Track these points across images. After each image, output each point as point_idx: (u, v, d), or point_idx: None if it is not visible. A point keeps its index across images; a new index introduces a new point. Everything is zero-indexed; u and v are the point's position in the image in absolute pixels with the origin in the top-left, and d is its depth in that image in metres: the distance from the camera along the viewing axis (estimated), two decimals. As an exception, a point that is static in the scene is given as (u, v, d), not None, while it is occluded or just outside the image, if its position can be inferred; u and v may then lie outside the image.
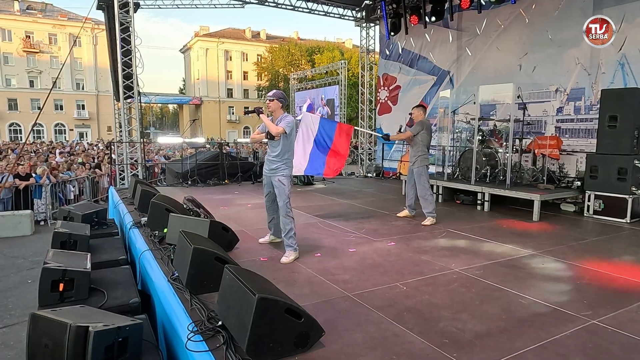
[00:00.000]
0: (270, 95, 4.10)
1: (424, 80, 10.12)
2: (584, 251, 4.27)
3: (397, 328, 2.50)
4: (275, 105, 4.05)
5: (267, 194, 4.18)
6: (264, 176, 4.19)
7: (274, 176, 4.01)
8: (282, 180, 3.97)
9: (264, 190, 4.23)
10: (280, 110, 4.08)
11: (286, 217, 3.94)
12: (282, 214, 3.96)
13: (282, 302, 2.10)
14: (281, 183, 3.97)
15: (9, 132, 40.06)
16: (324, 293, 3.04)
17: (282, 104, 4.09)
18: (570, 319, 2.67)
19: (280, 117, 4.04)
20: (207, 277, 2.86)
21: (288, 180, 4.01)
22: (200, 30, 51.71)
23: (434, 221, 5.43)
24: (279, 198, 4.00)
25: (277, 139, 3.99)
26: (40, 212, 9.45)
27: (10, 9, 41.05)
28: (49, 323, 2.19)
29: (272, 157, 4.05)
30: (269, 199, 4.20)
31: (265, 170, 4.14)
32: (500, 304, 2.90)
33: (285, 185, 3.98)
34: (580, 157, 6.82)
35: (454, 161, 7.71)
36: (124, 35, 8.30)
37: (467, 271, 3.55)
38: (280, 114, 4.07)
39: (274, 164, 4.03)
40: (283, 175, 3.98)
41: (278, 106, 4.05)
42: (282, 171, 3.99)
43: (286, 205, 3.95)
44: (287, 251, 3.89)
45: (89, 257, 3.37)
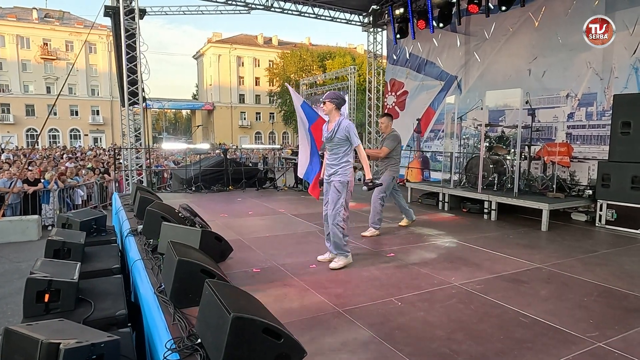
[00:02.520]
0: (324, 97, 3.96)
1: (432, 85, 9.96)
2: (594, 264, 4.06)
3: (385, 348, 2.37)
4: (329, 106, 3.91)
5: (327, 202, 4.01)
6: (324, 181, 4.07)
7: (332, 182, 3.90)
8: (338, 187, 3.84)
9: (324, 199, 4.08)
10: (337, 112, 3.93)
11: (336, 226, 3.82)
12: (331, 222, 3.84)
13: (260, 321, 1.99)
14: (337, 190, 3.84)
15: (26, 138, 40.99)
16: (314, 308, 2.92)
17: (336, 105, 3.92)
18: (574, 340, 2.50)
19: (337, 121, 3.88)
20: (192, 291, 2.76)
21: (344, 188, 3.86)
22: (213, 36, 52.34)
23: (376, 233, 5.12)
24: (330, 205, 3.86)
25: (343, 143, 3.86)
26: (48, 217, 9.54)
27: (28, 18, 42.19)
28: (22, 339, 2.12)
29: (332, 162, 3.92)
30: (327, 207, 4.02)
31: (325, 176, 4.02)
32: (499, 322, 2.74)
33: (340, 193, 3.83)
34: (592, 165, 6.57)
35: (461, 168, 7.52)
36: (130, 42, 8.36)
37: (467, 285, 3.39)
38: (337, 116, 3.92)
39: (333, 168, 3.91)
40: (340, 182, 3.85)
41: (332, 107, 3.91)
42: (340, 177, 3.85)
43: (338, 214, 3.82)
44: (337, 257, 3.86)
45: (78, 267, 3.31)
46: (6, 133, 39.99)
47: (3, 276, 6.32)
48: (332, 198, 3.86)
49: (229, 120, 51.21)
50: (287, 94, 40.76)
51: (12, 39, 41.10)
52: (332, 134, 3.87)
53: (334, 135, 3.86)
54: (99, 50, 44.20)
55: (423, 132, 10.16)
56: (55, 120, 41.05)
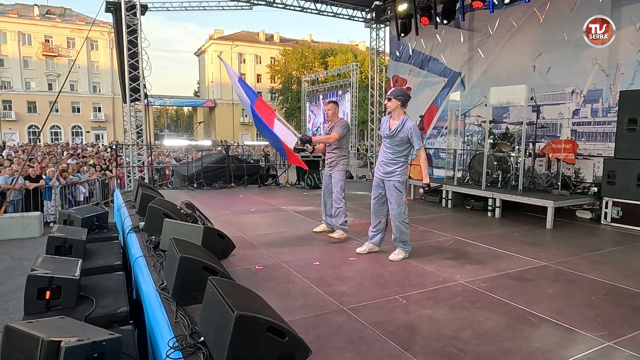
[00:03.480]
0: (389, 94, 3.91)
1: (435, 82, 9.89)
2: (601, 262, 4.02)
3: (391, 347, 2.33)
4: (394, 104, 3.84)
5: (377, 197, 4.06)
6: (375, 177, 4.09)
7: (389, 181, 3.91)
8: (399, 186, 3.87)
9: (372, 192, 4.11)
10: (401, 110, 3.86)
11: (402, 224, 3.90)
12: (398, 220, 3.89)
13: (264, 319, 1.95)
14: (397, 190, 3.87)
15: (27, 135, 41.00)
16: (318, 306, 2.88)
17: (401, 102, 3.85)
18: (583, 340, 2.46)
19: (401, 120, 3.82)
20: (195, 288, 2.73)
21: (404, 187, 3.91)
22: (215, 33, 52.21)
23: (345, 235, 4.68)
24: (394, 205, 3.91)
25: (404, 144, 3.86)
26: (50, 214, 9.52)
27: (30, 14, 42.12)
28: (22, 336, 2.09)
29: (390, 160, 3.91)
30: (378, 202, 4.08)
31: (380, 172, 4.00)
32: (506, 321, 2.70)
33: (402, 192, 3.88)
34: (597, 162, 6.51)
35: (465, 165, 7.47)
36: (131, 38, 8.31)
37: (473, 283, 3.35)
38: (402, 114, 3.85)
39: (390, 167, 3.91)
40: (399, 182, 3.87)
41: (397, 105, 3.84)
42: (399, 176, 3.88)
43: (403, 213, 3.90)
44: (397, 249, 3.98)
45: (79, 264, 3.28)
46: (8, 130, 40.01)
47: (5, 273, 6.30)
48: (395, 197, 3.90)
49: (230, 117, 51.13)
50: (289, 91, 40.73)
51: (14, 35, 41.05)
52: (395, 132, 3.83)
53: (397, 134, 3.83)
54: (100, 47, 44.13)
55: (426, 129, 10.09)
56: (57, 117, 41.05)
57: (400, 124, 3.79)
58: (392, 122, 3.88)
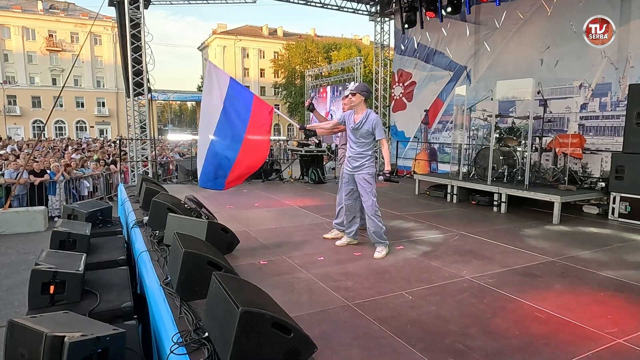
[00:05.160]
0: (354, 89, 3.98)
1: (440, 76, 9.79)
2: (609, 258, 3.96)
3: (398, 343, 2.30)
4: (358, 98, 3.93)
5: (349, 193, 4.10)
6: (345, 174, 4.12)
7: (359, 174, 3.95)
8: (368, 179, 3.92)
9: (343, 189, 4.16)
10: (364, 105, 3.98)
11: (375, 217, 3.90)
12: (371, 213, 3.91)
13: (269, 315, 1.93)
14: (367, 182, 3.92)
15: (32, 129, 41.16)
16: (323, 301, 2.85)
17: (365, 97, 3.97)
18: (592, 337, 2.41)
19: (364, 113, 3.93)
20: (199, 283, 2.70)
21: (373, 179, 3.97)
22: (218, 27, 52.03)
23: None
24: (365, 198, 3.93)
25: (369, 136, 3.94)
26: (55, 209, 9.54)
27: (33, 9, 42.10)
28: (26, 331, 2.08)
29: (357, 154, 3.98)
30: (350, 198, 4.12)
31: (348, 168, 4.06)
32: (514, 317, 2.66)
33: (372, 184, 3.93)
34: (605, 157, 6.43)
35: (470, 160, 7.40)
36: (134, 32, 8.26)
37: (479, 279, 3.31)
38: (365, 108, 3.97)
39: (358, 161, 3.97)
40: (369, 174, 3.94)
41: (361, 100, 3.94)
42: (367, 169, 3.95)
43: (375, 205, 3.92)
44: (378, 247, 3.92)
45: (83, 258, 3.26)
46: (13, 125, 40.19)
47: (10, 267, 6.32)
48: (365, 190, 3.94)
49: (233, 112, 51.04)
50: (292, 86, 40.57)
51: (18, 30, 41.09)
52: (360, 124, 3.93)
53: (362, 127, 3.92)
54: (104, 42, 44.11)
55: (431, 123, 10.02)
56: (61, 112, 41.16)
57: (365, 117, 3.91)
58: (356, 116, 3.99)
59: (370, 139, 3.96)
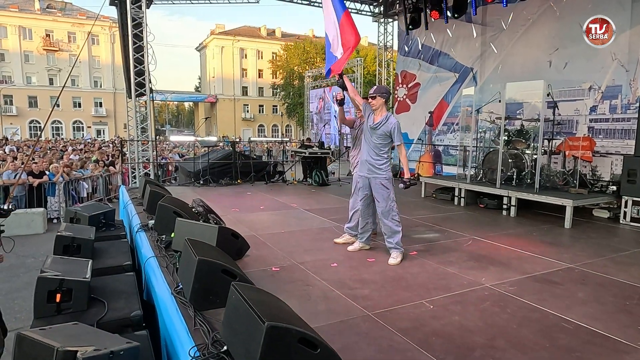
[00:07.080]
0: (372, 92, 3.87)
1: (446, 77, 9.71)
2: (627, 264, 3.88)
3: (425, 357, 2.20)
4: (378, 101, 3.84)
5: (364, 197, 4.00)
6: (359, 177, 4.04)
7: (376, 179, 3.85)
8: (385, 183, 3.83)
9: (359, 194, 4.06)
10: (384, 107, 3.91)
11: (392, 221, 3.82)
12: (387, 218, 3.83)
13: (295, 330, 1.82)
14: (384, 187, 3.82)
15: (29, 129, 40.86)
16: (342, 311, 2.74)
17: (385, 99, 3.89)
18: (625, 349, 2.32)
19: (385, 115, 3.85)
20: (213, 292, 2.60)
21: (391, 184, 3.87)
22: (216, 28, 51.85)
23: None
24: (382, 203, 3.84)
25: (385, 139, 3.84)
26: (54, 210, 9.39)
27: (30, 8, 41.82)
28: (35, 345, 1.96)
29: (373, 158, 3.87)
30: (364, 202, 4.02)
31: (363, 172, 3.96)
32: (540, 328, 2.56)
33: (389, 189, 3.83)
34: (616, 160, 6.35)
35: (478, 163, 7.31)
36: (136, 31, 8.14)
37: (499, 287, 3.21)
38: (384, 111, 3.89)
39: (374, 165, 3.88)
40: (386, 178, 3.84)
41: (382, 102, 3.86)
42: (384, 173, 3.85)
43: (393, 210, 3.84)
44: (393, 253, 3.83)
45: (90, 265, 3.15)
46: (9, 125, 39.86)
47: (9, 270, 6.17)
48: (382, 195, 3.85)
49: (232, 113, 50.91)
50: (290, 86, 40.47)
51: (15, 29, 40.78)
52: (379, 125, 3.84)
53: (380, 127, 3.83)
54: (101, 42, 43.87)
55: (435, 125, 9.94)
56: (58, 112, 40.86)
57: (384, 119, 3.84)
58: (376, 117, 3.91)
59: (387, 140, 3.85)
